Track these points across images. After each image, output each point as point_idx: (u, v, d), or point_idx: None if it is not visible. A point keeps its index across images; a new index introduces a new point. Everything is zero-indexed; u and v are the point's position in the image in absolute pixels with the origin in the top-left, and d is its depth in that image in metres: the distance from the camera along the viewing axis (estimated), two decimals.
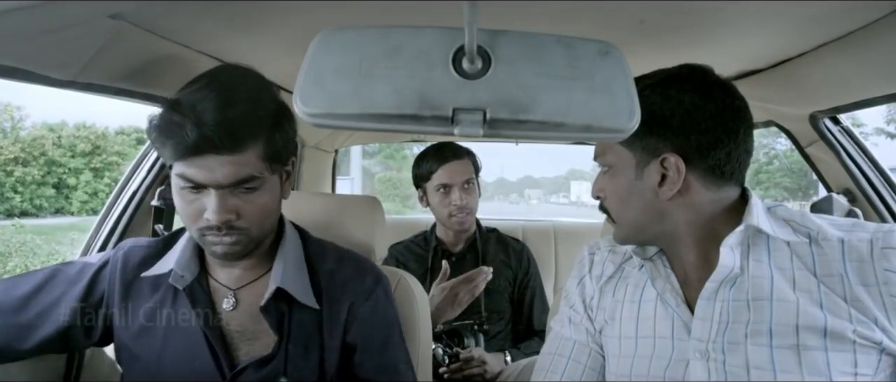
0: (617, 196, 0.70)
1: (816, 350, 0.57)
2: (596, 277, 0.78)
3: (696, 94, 0.64)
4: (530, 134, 0.36)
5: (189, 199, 0.71)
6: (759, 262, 0.63)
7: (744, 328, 0.61)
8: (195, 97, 0.68)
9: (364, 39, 0.36)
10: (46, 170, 15.58)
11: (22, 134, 16.01)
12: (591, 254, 0.81)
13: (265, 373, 0.75)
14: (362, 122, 0.35)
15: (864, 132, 15.03)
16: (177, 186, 0.71)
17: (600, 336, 0.76)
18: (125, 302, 0.79)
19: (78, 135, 16.20)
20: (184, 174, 0.69)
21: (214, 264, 0.81)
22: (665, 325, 0.67)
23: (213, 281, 0.80)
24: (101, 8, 0.72)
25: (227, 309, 0.78)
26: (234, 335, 0.77)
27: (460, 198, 1.46)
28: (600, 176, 0.72)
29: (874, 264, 0.58)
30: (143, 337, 0.77)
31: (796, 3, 0.75)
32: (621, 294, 0.74)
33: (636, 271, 0.73)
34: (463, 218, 1.48)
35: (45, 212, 15.43)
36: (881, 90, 0.91)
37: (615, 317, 0.73)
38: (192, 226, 0.73)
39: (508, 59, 0.35)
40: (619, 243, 0.73)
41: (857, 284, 0.58)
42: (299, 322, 0.78)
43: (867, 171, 1.12)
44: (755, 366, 0.59)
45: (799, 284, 0.61)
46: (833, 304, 0.59)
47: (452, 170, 1.46)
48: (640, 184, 0.67)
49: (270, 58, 1.00)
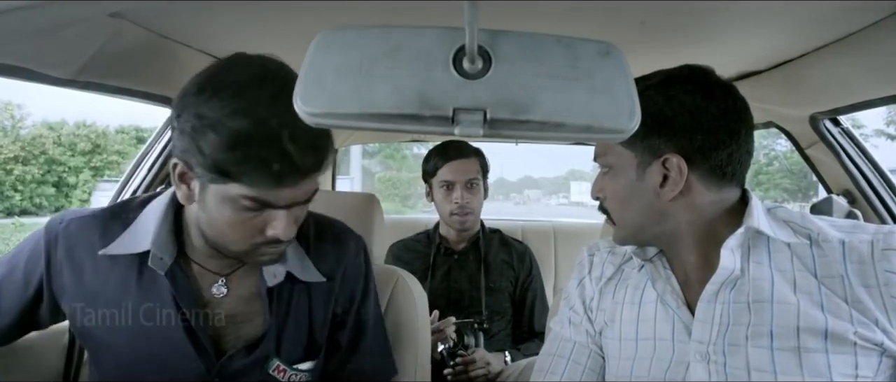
0: (618, 196, 0.70)
1: (817, 352, 0.57)
2: (595, 278, 0.78)
3: (699, 95, 0.64)
4: (530, 134, 0.36)
5: (247, 217, 0.65)
6: (759, 264, 0.63)
7: (744, 330, 0.61)
8: (265, 113, 0.59)
9: (364, 39, 0.36)
10: (46, 168, 15.58)
11: (22, 132, 16.02)
12: (590, 256, 0.81)
13: (256, 356, 0.74)
14: (362, 122, 0.35)
15: (865, 133, 15.06)
16: (233, 205, 0.64)
17: (600, 337, 0.75)
18: (81, 284, 0.71)
19: (78, 134, 16.20)
20: (259, 197, 0.63)
21: (200, 249, 0.74)
22: (665, 327, 0.67)
23: (197, 266, 0.75)
24: (102, 7, 0.72)
25: (218, 296, 0.74)
26: (223, 321, 0.74)
27: (462, 197, 1.46)
28: (600, 176, 0.72)
29: (875, 265, 0.58)
30: (112, 322, 0.71)
31: (796, 4, 0.75)
32: (621, 295, 0.73)
33: (636, 272, 0.73)
34: (463, 217, 1.48)
35: (44, 211, 15.41)
36: (881, 91, 0.91)
37: (615, 319, 0.73)
38: (244, 242, 0.68)
39: (509, 59, 0.35)
40: (619, 244, 0.73)
41: (858, 285, 0.58)
42: (296, 301, 0.77)
43: (867, 173, 1.12)
44: (756, 368, 0.59)
45: (799, 286, 0.61)
46: (834, 306, 0.58)
47: (456, 168, 1.47)
48: (642, 184, 0.66)
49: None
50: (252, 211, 0.64)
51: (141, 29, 0.83)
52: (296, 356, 0.77)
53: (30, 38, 0.68)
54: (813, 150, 1.20)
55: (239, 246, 0.68)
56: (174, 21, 0.85)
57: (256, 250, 0.69)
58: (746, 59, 1.04)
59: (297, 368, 0.77)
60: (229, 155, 0.60)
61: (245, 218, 0.65)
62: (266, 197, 0.63)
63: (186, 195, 0.68)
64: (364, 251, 0.87)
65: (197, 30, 0.91)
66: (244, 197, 0.63)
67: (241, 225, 0.66)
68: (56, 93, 16.36)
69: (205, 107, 0.61)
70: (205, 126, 0.60)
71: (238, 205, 0.64)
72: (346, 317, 0.83)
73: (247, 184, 0.62)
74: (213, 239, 0.70)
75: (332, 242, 0.83)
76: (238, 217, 0.65)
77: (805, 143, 1.21)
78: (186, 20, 0.86)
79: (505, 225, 1.77)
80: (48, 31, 0.69)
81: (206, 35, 0.94)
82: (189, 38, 0.94)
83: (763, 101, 1.15)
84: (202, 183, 0.65)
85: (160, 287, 0.71)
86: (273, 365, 0.75)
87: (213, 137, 0.60)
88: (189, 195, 0.67)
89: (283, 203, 0.65)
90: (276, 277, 0.75)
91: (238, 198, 0.63)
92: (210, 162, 0.61)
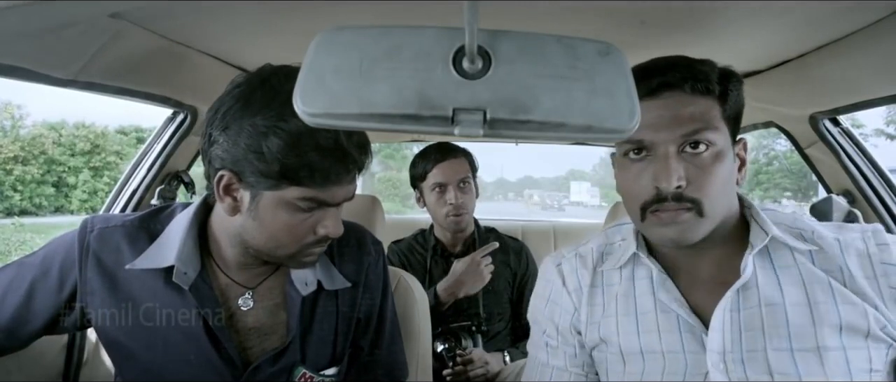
0: (721, 180, 0.60)
1: (836, 349, 0.57)
2: (574, 290, 0.72)
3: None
4: (530, 134, 0.36)
5: (301, 219, 0.69)
6: (763, 268, 0.62)
7: (761, 335, 0.59)
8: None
9: (364, 39, 0.36)
10: (46, 168, 15.59)
11: (22, 132, 16.02)
12: (557, 266, 0.75)
13: (282, 365, 0.74)
14: (362, 122, 0.35)
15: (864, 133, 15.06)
16: (288, 208, 0.67)
17: (595, 352, 0.70)
18: (110, 294, 0.72)
19: (77, 134, 16.21)
20: (316, 197, 0.67)
21: (230, 260, 0.75)
22: (672, 338, 0.63)
23: (224, 277, 0.76)
24: (102, 7, 0.72)
25: (244, 308, 0.75)
26: (248, 332, 0.75)
27: (456, 197, 1.45)
28: (690, 157, 0.60)
29: (871, 258, 0.60)
30: (139, 334, 0.72)
31: (796, 4, 0.76)
32: (613, 307, 0.69)
33: (618, 278, 0.69)
34: (459, 217, 1.47)
35: (44, 211, 15.43)
36: (881, 91, 0.91)
37: (611, 333, 0.68)
38: (295, 244, 0.70)
39: (509, 59, 0.35)
40: (696, 240, 0.61)
41: (860, 277, 0.59)
42: (321, 308, 0.78)
43: (867, 173, 1.12)
44: (779, 372, 0.57)
45: (807, 284, 0.60)
46: (843, 297, 0.59)
47: (448, 169, 1.46)
48: (732, 168, 0.62)
49: (271, 57, 1.00)
50: (306, 212, 0.68)
51: (141, 29, 0.83)
52: (321, 363, 0.78)
53: (30, 39, 0.68)
54: (813, 150, 1.20)
55: (289, 249, 0.71)
56: (174, 22, 0.85)
57: (304, 251, 0.72)
58: (746, 58, 1.04)
59: (322, 374, 0.78)
60: (292, 157, 0.63)
61: (299, 220, 0.69)
62: (322, 197, 0.67)
63: (232, 206, 0.69)
64: (382, 254, 0.89)
65: (197, 30, 0.91)
66: (301, 199, 0.67)
67: (295, 228, 0.69)
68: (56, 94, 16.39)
69: (259, 117, 0.64)
70: (262, 133, 0.63)
71: (294, 208, 0.67)
72: (369, 321, 0.84)
73: (307, 184, 0.66)
74: (259, 246, 0.71)
75: (354, 247, 0.85)
76: (292, 219, 0.68)
77: (805, 143, 1.21)
78: (187, 21, 0.86)
79: (505, 226, 1.77)
80: (48, 32, 0.69)
81: (207, 35, 0.94)
82: (189, 39, 0.94)
83: (763, 101, 1.15)
84: (255, 191, 0.67)
85: (186, 299, 0.72)
86: (299, 374, 0.76)
87: (276, 142, 0.63)
88: (235, 206, 0.69)
89: (336, 201, 0.69)
90: (308, 286, 0.76)
91: (294, 201, 0.67)
92: (271, 167, 0.64)
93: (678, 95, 0.61)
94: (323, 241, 0.72)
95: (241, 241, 0.72)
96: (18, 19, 0.63)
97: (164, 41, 0.90)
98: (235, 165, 0.66)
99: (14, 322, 0.71)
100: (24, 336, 0.73)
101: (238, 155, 0.65)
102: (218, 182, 0.68)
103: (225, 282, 0.76)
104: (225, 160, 0.66)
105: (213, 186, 0.68)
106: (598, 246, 0.74)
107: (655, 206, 0.60)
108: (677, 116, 0.60)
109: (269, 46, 0.98)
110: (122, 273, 0.72)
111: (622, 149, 0.64)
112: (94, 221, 0.76)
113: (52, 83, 0.79)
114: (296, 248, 0.71)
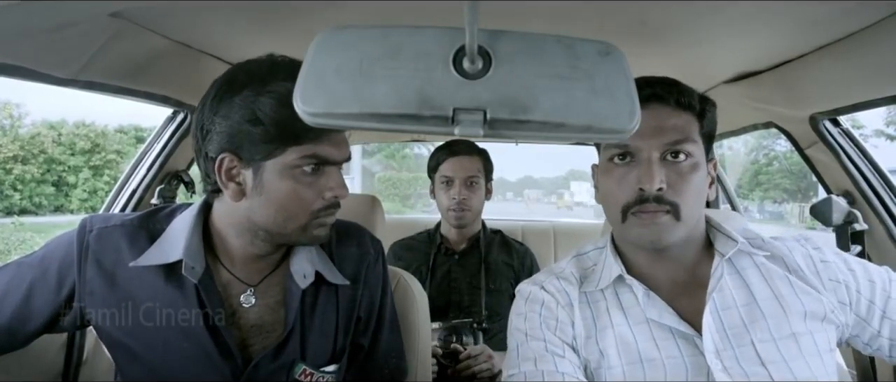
0: (695, 188, 0.66)
1: (805, 334, 0.65)
2: (566, 306, 0.71)
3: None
4: (531, 134, 0.36)
5: (306, 183, 0.71)
6: (730, 272, 0.69)
7: (744, 330, 0.65)
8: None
9: (364, 39, 0.36)
10: (46, 167, 15.58)
11: (21, 131, 16.01)
12: (541, 287, 0.73)
13: (282, 361, 0.74)
14: (362, 122, 0.35)
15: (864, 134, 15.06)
16: (292, 173, 0.69)
17: (596, 370, 0.68)
18: (110, 293, 0.72)
19: (77, 133, 16.20)
20: (317, 153, 0.69)
21: (234, 255, 0.76)
22: (669, 345, 0.66)
23: (226, 274, 0.76)
24: (102, 6, 0.72)
25: (246, 305, 0.75)
26: (250, 329, 0.75)
27: (460, 193, 1.47)
28: (671, 165, 0.66)
29: (812, 257, 0.71)
30: (139, 333, 0.72)
31: (796, 5, 0.76)
32: (605, 319, 0.69)
33: (600, 294, 0.71)
34: (460, 213, 1.48)
35: (44, 210, 15.43)
36: (881, 92, 0.91)
37: (609, 348, 0.67)
38: (305, 212, 0.72)
39: (509, 59, 0.35)
40: (675, 241, 0.66)
41: (808, 272, 0.69)
42: (322, 305, 0.79)
43: (867, 173, 1.12)
44: (769, 361, 0.63)
45: (769, 280, 0.68)
46: (801, 289, 0.67)
47: (457, 165, 1.49)
48: (705, 181, 0.69)
49: None
50: (310, 175, 0.71)
51: (141, 29, 0.83)
52: (321, 359, 0.78)
53: (30, 38, 0.68)
54: (812, 151, 1.20)
55: (299, 219, 0.72)
56: (174, 21, 0.85)
57: (315, 220, 0.73)
58: (746, 59, 1.04)
59: (322, 371, 0.78)
60: (285, 112, 0.64)
61: (304, 185, 0.71)
62: (322, 152, 0.70)
63: (236, 191, 0.70)
64: (382, 253, 0.89)
65: (197, 30, 0.91)
66: (302, 158, 0.69)
67: (301, 194, 0.71)
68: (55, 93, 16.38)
69: (246, 90, 0.67)
70: (252, 100, 0.66)
71: (298, 172, 0.70)
72: (368, 320, 0.84)
73: (304, 140, 0.68)
74: (269, 224, 0.72)
75: (353, 246, 0.85)
76: (298, 186, 0.70)
77: (805, 144, 1.20)
78: (186, 21, 0.86)
79: (505, 226, 1.77)
80: (49, 31, 0.69)
81: (207, 35, 0.94)
82: (189, 39, 0.94)
83: (763, 101, 1.15)
84: (256, 166, 0.69)
85: (188, 296, 0.72)
86: (299, 370, 0.76)
87: (267, 101, 0.66)
88: (240, 190, 0.71)
89: (335, 159, 0.72)
90: (306, 278, 0.76)
91: (297, 163, 0.69)
92: (268, 130, 0.66)
93: (664, 107, 0.67)
94: (332, 207, 0.73)
95: (249, 226, 0.73)
96: (19, 19, 0.63)
97: (164, 41, 0.90)
98: (232, 142, 0.67)
99: (13, 321, 0.71)
100: (24, 336, 0.73)
101: (234, 130, 0.67)
102: (219, 168, 0.69)
103: (227, 279, 0.76)
104: (222, 142, 0.68)
105: (215, 174, 0.69)
106: (574, 271, 0.75)
107: (636, 208, 0.65)
108: (662, 126, 0.66)
109: (269, 46, 0.98)
110: (121, 272, 0.72)
111: (608, 153, 0.69)
112: (93, 221, 0.76)
113: (53, 82, 0.79)
114: (306, 218, 0.72)
